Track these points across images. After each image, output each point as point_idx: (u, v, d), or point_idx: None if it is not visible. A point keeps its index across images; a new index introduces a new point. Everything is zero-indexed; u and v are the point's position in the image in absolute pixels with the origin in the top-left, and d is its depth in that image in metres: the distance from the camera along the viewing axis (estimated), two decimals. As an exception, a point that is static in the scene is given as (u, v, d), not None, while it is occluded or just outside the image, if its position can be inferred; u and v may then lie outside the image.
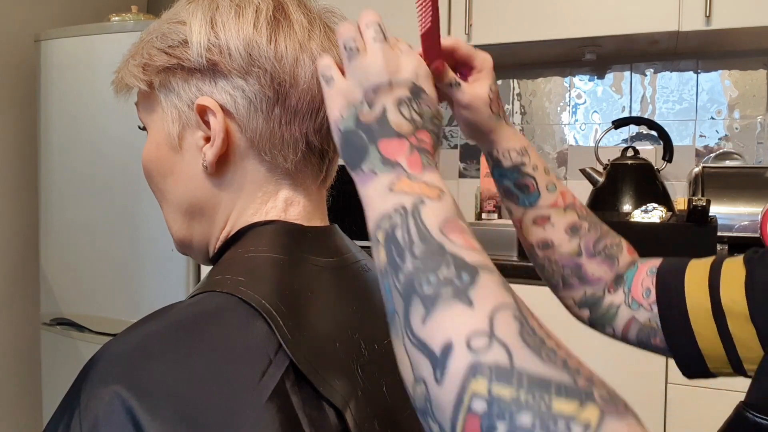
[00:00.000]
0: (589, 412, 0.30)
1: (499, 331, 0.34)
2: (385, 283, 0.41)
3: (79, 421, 0.39)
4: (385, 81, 0.47)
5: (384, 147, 0.45)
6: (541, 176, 0.67)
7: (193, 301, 0.46)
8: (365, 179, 0.45)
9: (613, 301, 0.67)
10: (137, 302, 1.93)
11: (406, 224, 0.41)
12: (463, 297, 0.36)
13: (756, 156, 1.96)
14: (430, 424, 0.35)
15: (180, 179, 0.55)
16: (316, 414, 0.44)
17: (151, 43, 0.54)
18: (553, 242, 0.67)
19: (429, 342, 0.35)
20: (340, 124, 0.47)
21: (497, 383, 0.32)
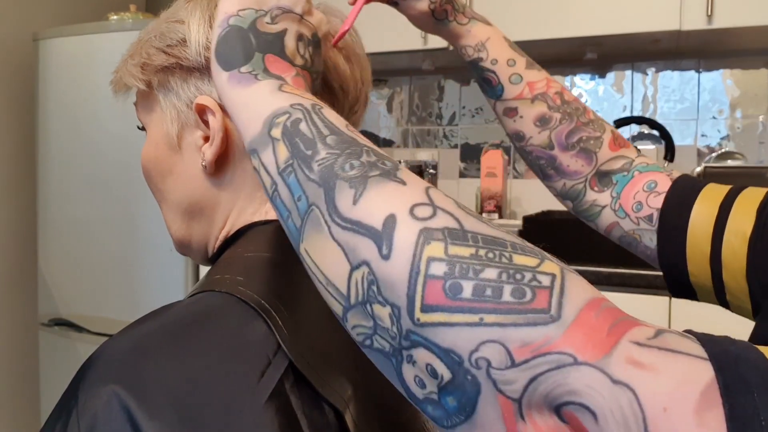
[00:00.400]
0: (549, 266, 0.29)
1: (438, 202, 0.32)
2: (289, 179, 0.37)
3: (77, 420, 0.38)
4: (298, 10, 0.45)
5: (270, 61, 0.43)
6: (502, 69, 0.69)
7: (192, 301, 0.46)
8: (242, 79, 0.42)
9: (597, 200, 0.67)
10: (135, 302, 1.93)
11: (311, 119, 0.38)
12: (393, 177, 0.34)
13: (758, 156, 1.95)
14: (377, 312, 0.32)
15: (179, 179, 0.55)
16: (316, 414, 0.44)
17: (149, 42, 0.54)
18: (524, 134, 0.69)
19: (366, 219, 0.32)
20: (231, 19, 0.44)
21: (453, 244, 0.30)
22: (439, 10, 0.68)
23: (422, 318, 0.30)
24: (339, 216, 0.33)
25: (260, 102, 0.40)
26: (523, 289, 0.28)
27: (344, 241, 0.33)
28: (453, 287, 0.29)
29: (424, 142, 2.35)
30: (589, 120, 0.68)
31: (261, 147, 0.39)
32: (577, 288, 0.29)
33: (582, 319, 0.27)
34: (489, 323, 0.28)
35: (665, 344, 0.27)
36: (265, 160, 0.38)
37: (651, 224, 0.62)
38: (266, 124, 0.39)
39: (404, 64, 2.26)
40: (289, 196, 0.37)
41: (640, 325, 0.28)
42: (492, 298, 0.28)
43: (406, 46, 1.97)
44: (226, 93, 0.42)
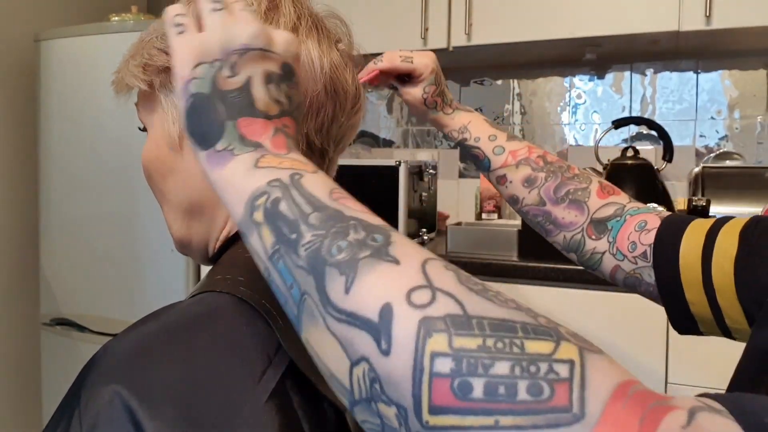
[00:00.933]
0: (567, 349, 0.27)
1: (437, 282, 0.30)
2: (278, 266, 0.34)
3: (79, 420, 0.39)
4: (257, 46, 0.40)
5: (244, 125, 0.39)
6: (485, 144, 0.79)
7: (193, 301, 0.46)
8: (220, 159, 0.39)
9: (596, 247, 0.70)
10: (137, 302, 1.93)
11: (290, 196, 0.35)
12: (384, 256, 0.31)
13: (756, 156, 1.95)
14: (383, 411, 0.29)
15: (180, 179, 0.55)
16: (316, 413, 0.44)
17: (151, 43, 0.54)
18: (517, 197, 0.76)
19: (360, 311, 0.30)
20: (191, 86, 0.40)
21: (458, 335, 0.27)
22: (431, 101, 0.81)
23: (431, 421, 0.27)
24: (332, 307, 0.31)
25: (238, 183, 0.38)
26: (540, 384, 0.26)
27: (341, 335, 0.30)
28: (462, 386, 0.26)
29: (424, 143, 2.36)
30: (574, 174, 0.74)
31: (247, 231, 0.37)
32: (600, 374, 0.26)
33: (609, 414, 0.25)
34: (506, 426, 0.25)
35: (701, 431, 0.24)
36: (253, 244, 0.36)
37: (646, 261, 0.65)
38: (247, 207, 0.37)
39: (404, 65, 2.25)
40: (282, 282, 0.34)
41: (672, 410, 0.25)
42: (506, 397, 0.26)
43: (406, 47, 1.96)
44: (207, 173, 0.40)
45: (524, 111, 2.22)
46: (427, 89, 0.80)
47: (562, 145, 2.18)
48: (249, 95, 0.40)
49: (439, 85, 0.81)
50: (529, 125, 2.22)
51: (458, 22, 1.90)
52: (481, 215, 2.09)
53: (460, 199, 2.28)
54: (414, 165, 1.80)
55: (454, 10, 1.90)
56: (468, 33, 1.89)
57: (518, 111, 2.23)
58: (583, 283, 1.49)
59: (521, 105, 2.22)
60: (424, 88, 0.80)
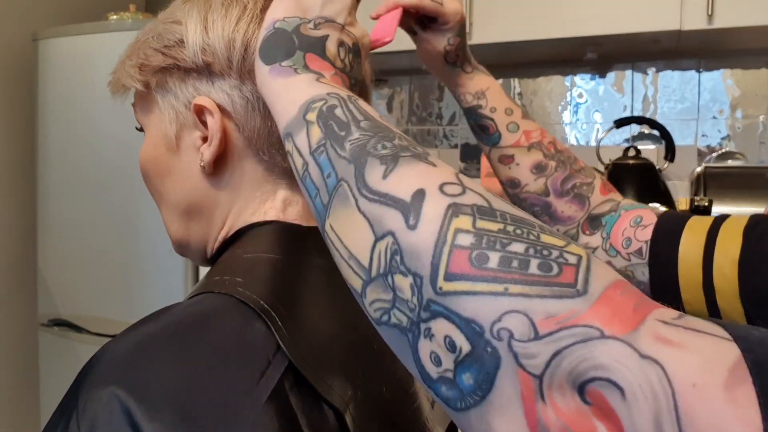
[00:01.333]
0: (576, 248, 0.29)
1: (468, 184, 0.32)
2: (320, 159, 0.37)
3: (77, 422, 0.38)
4: (341, 20, 0.46)
5: (311, 60, 0.43)
6: (500, 117, 0.71)
7: (192, 302, 0.46)
8: (282, 71, 0.43)
9: (589, 243, 0.68)
10: (135, 303, 1.93)
11: (346, 106, 0.38)
12: (424, 159, 0.34)
13: (758, 156, 1.95)
14: (398, 283, 0.31)
15: (178, 180, 0.55)
16: (316, 415, 0.44)
17: (147, 43, 0.54)
18: (519, 181, 0.71)
19: (395, 192, 0.32)
20: (277, 23, 0.45)
21: (482, 219, 0.30)
22: (452, 54, 0.70)
23: (445, 286, 0.29)
24: (367, 189, 0.33)
25: (298, 90, 0.41)
26: (550, 263, 0.28)
27: (370, 213, 0.33)
28: (479, 257, 0.29)
29: (424, 142, 2.35)
30: (581, 168, 0.71)
31: (295, 130, 0.39)
32: (603, 269, 0.29)
33: (608, 295, 0.27)
34: (514, 293, 0.27)
35: (690, 324, 0.26)
36: (298, 142, 0.39)
37: (641, 258, 0.64)
38: (302, 109, 0.39)
39: (404, 64, 2.26)
40: (319, 174, 0.37)
41: (664, 307, 0.28)
42: (518, 269, 0.28)
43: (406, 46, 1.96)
44: (266, 83, 0.43)
45: (525, 110, 2.22)
46: (452, 40, 0.69)
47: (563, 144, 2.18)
48: (322, 44, 0.44)
49: (464, 36, 0.71)
50: (529, 125, 2.22)
51: (459, 21, 1.90)
52: None
53: (460, 199, 2.28)
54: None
55: (455, 9, 1.90)
56: (469, 32, 1.88)
57: (519, 110, 2.23)
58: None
59: (522, 104, 2.22)
60: (448, 39, 0.69)
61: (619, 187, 1.88)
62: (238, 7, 0.52)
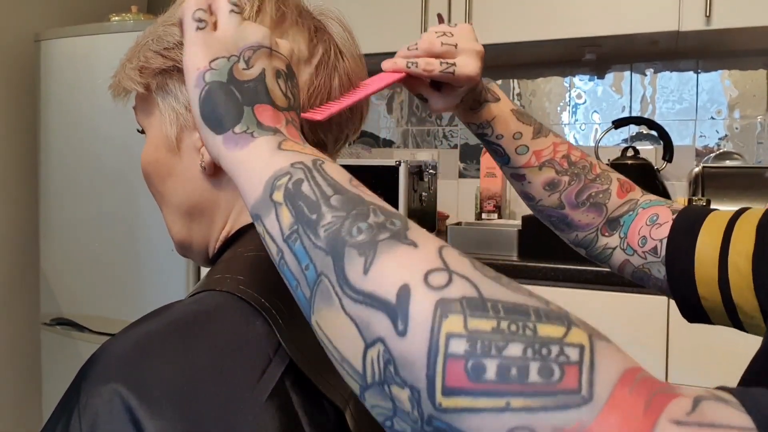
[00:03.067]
0: (577, 334, 0.27)
1: (453, 266, 0.30)
2: (295, 246, 0.35)
3: (79, 419, 0.39)
4: (267, 44, 0.43)
5: (260, 112, 0.40)
6: (508, 143, 0.69)
7: (193, 300, 0.46)
8: (238, 140, 0.39)
9: (608, 243, 0.69)
10: (137, 302, 1.93)
11: (313, 178, 0.36)
12: (403, 239, 0.32)
13: (756, 156, 1.96)
14: (396, 394, 0.29)
15: (179, 181, 0.55)
16: (316, 413, 0.44)
17: (147, 46, 0.54)
18: (534, 196, 0.71)
19: (379, 291, 0.30)
20: (207, 75, 0.41)
21: (473, 317, 0.28)
22: (465, 108, 0.68)
23: (444, 403, 0.27)
24: (350, 288, 0.31)
25: (260, 163, 0.38)
26: (551, 366, 0.26)
27: (357, 316, 0.31)
28: (476, 368, 0.27)
29: (424, 143, 2.36)
30: (596, 176, 0.70)
31: (263, 212, 0.37)
32: (608, 359, 0.27)
33: (616, 398, 0.25)
34: (516, 408, 0.26)
35: (705, 418, 0.25)
36: (268, 225, 0.37)
37: (657, 256, 0.64)
38: (267, 187, 0.37)
39: (404, 65, 2.26)
40: (297, 264, 0.35)
41: (677, 396, 0.26)
42: (518, 379, 0.26)
43: (405, 47, 1.97)
44: (223, 156, 0.40)
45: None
46: (467, 97, 0.66)
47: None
48: (263, 85, 0.42)
49: (478, 86, 0.67)
50: (529, 125, 2.22)
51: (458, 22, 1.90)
52: (480, 215, 2.09)
53: (459, 199, 2.28)
54: (414, 165, 1.80)
55: (454, 10, 1.90)
56: (468, 33, 1.89)
57: (518, 111, 2.23)
58: (582, 283, 1.49)
59: (521, 105, 2.22)
60: (462, 99, 0.66)
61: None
62: None
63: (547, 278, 1.53)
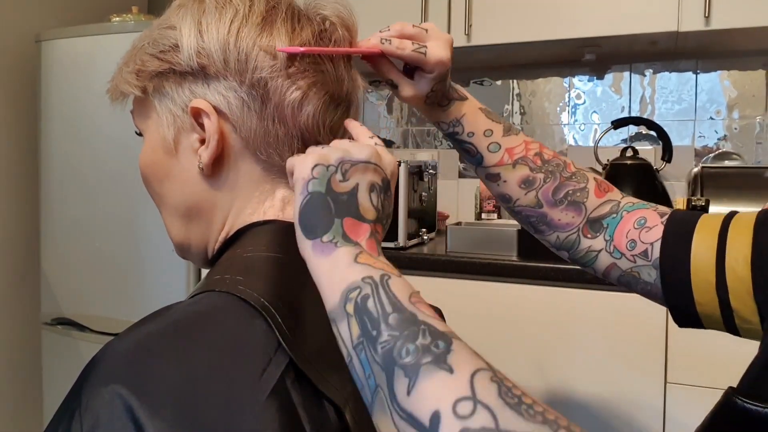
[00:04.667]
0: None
1: (480, 394, 0.35)
2: (361, 356, 0.40)
3: (80, 420, 0.39)
4: (364, 160, 0.47)
5: (348, 225, 0.45)
6: (479, 140, 0.70)
7: (193, 301, 0.47)
8: (324, 249, 0.44)
9: (591, 246, 0.68)
10: (138, 302, 1.93)
11: (377, 294, 0.41)
12: (443, 364, 0.37)
13: (755, 156, 1.96)
14: None
15: (177, 182, 0.56)
16: (316, 411, 0.44)
17: (143, 49, 0.54)
18: (510, 196, 0.71)
19: (417, 414, 0.36)
20: (310, 185, 0.46)
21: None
22: (433, 98, 0.68)
23: None
24: (397, 404, 0.37)
25: (338, 274, 0.43)
26: None
27: (402, 430, 0.36)
28: None
29: (423, 143, 2.36)
30: (572, 174, 0.70)
31: (339, 318, 0.42)
32: None
33: None
34: None
35: None
36: (342, 332, 0.42)
37: (647, 259, 0.63)
38: (342, 298, 0.42)
39: (404, 65, 2.26)
40: (362, 371, 0.40)
41: None
42: None
43: (405, 48, 1.96)
44: (311, 261, 0.45)
45: (524, 111, 2.23)
46: (435, 87, 0.66)
47: (562, 145, 2.18)
48: (355, 199, 0.46)
49: (447, 78, 0.68)
50: (528, 125, 2.22)
51: (458, 23, 1.90)
52: (480, 215, 2.09)
53: (459, 199, 2.28)
54: (414, 165, 1.81)
55: (454, 10, 1.91)
56: (468, 33, 1.89)
57: (518, 111, 2.23)
58: (582, 283, 1.49)
59: (521, 105, 2.22)
60: (432, 87, 0.66)
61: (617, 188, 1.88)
62: (231, 10, 0.52)
63: (546, 278, 1.53)
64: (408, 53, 0.62)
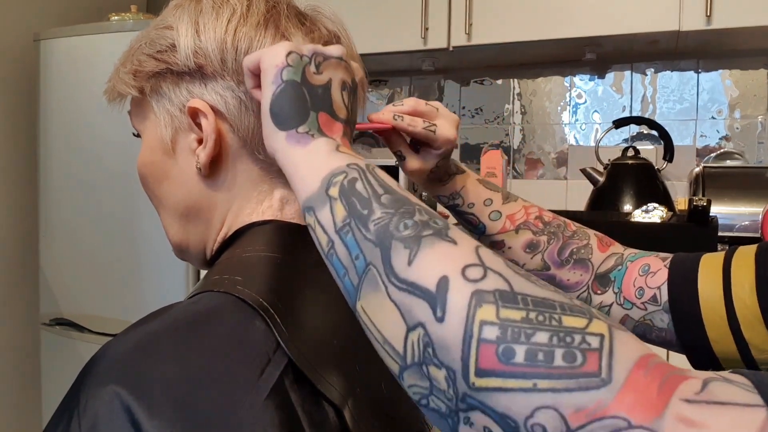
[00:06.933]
0: (598, 325, 0.30)
1: (488, 262, 0.34)
2: (346, 238, 0.38)
3: (78, 421, 0.39)
4: (337, 55, 0.47)
5: (323, 120, 0.44)
6: (480, 210, 0.71)
7: (192, 301, 0.47)
8: (300, 139, 0.43)
9: (603, 301, 0.68)
10: (137, 302, 1.93)
11: (366, 178, 0.40)
12: (445, 236, 0.35)
13: (757, 156, 1.96)
14: (433, 374, 0.32)
15: (175, 183, 0.56)
16: (315, 411, 0.44)
17: (140, 49, 0.55)
18: (516, 262, 0.71)
19: (421, 281, 0.34)
20: (284, 73, 0.44)
21: (504, 307, 0.31)
22: (436, 174, 0.69)
23: (477, 382, 0.30)
24: (395, 276, 0.35)
25: (318, 161, 0.42)
26: (574, 352, 0.29)
27: (400, 302, 0.34)
28: (506, 352, 0.30)
29: (424, 143, 2.36)
30: (573, 232, 0.70)
31: (318, 205, 0.40)
32: (626, 347, 0.29)
33: (632, 379, 0.28)
34: (543, 389, 0.29)
35: (713, 397, 0.27)
36: (321, 217, 0.40)
37: (657, 304, 0.63)
38: (324, 182, 0.40)
39: (404, 65, 2.26)
40: (347, 254, 0.38)
41: (688, 379, 0.28)
42: (544, 363, 0.29)
43: (406, 47, 1.97)
44: (283, 150, 0.44)
45: (524, 111, 2.22)
46: (440, 163, 0.68)
47: (563, 145, 2.18)
48: (329, 95, 0.45)
49: (450, 155, 0.70)
50: (529, 125, 2.22)
51: (458, 22, 1.90)
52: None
53: (460, 199, 2.28)
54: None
55: (454, 9, 1.90)
56: (468, 33, 1.89)
57: (518, 111, 2.23)
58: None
59: (521, 105, 2.22)
60: (437, 163, 0.67)
61: (618, 188, 1.89)
62: (228, 10, 0.52)
63: (547, 278, 1.53)
64: (419, 130, 0.64)
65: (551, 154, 2.19)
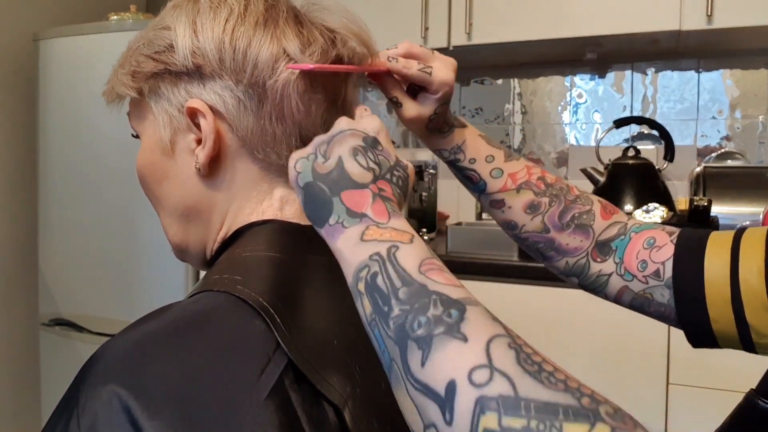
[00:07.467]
0: (600, 430, 0.30)
1: (497, 362, 0.34)
2: (375, 333, 0.40)
3: (77, 420, 0.39)
4: (336, 133, 0.47)
5: (347, 198, 0.45)
6: (481, 166, 0.70)
7: (191, 301, 0.47)
8: (334, 233, 0.44)
9: (602, 270, 0.67)
10: (136, 303, 1.93)
11: (385, 270, 0.41)
12: (456, 333, 0.36)
13: (757, 156, 1.95)
14: None
15: (174, 183, 0.56)
16: (315, 412, 0.44)
17: (138, 50, 0.55)
18: (516, 223, 0.70)
19: (432, 384, 0.35)
20: (299, 180, 0.47)
21: (506, 416, 0.32)
22: (435, 122, 0.68)
23: None
24: (412, 376, 0.37)
25: (348, 253, 0.43)
26: None
27: (417, 401, 0.36)
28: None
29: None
30: (576, 196, 0.69)
31: (355, 297, 0.43)
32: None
33: None
34: None
35: None
36: (359, 309, 0.42)
37: (659, 279, 0.62)
38: (354, 278, 0.42)
39: (404, 65, 2.26)
40: (378, 346, 0.40)
41: None
42: None
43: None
44: (330, 246, 0.45)
45: (525, 110, 2.22)
46: (438, 109, 0.66)
47: (563, 144, 2.18)
48: (343, 171, 0.45)
49: (448, 104, 0.68)
50: (529, 125, 2.22)
51: (458, 22, 1.90)
52: (481, 215, 2.08)
53: (460, 199, 2.28)
54: (414, 165, 1.80)
55: (454, 9, 1.90)
56: (468, 32, 1.89)
57: (519, 110, 2.23)
58: (584, 283, 1.49)
59: (522, 104, 2.22)
60: (435, 108, 0.66)
61: (619, 188, 1.89)
62: (226, 10, 0.52)
63: (547, 278, 1.53)
64: (414, 72, 0.62)
65: (552, 154, 2.19)
